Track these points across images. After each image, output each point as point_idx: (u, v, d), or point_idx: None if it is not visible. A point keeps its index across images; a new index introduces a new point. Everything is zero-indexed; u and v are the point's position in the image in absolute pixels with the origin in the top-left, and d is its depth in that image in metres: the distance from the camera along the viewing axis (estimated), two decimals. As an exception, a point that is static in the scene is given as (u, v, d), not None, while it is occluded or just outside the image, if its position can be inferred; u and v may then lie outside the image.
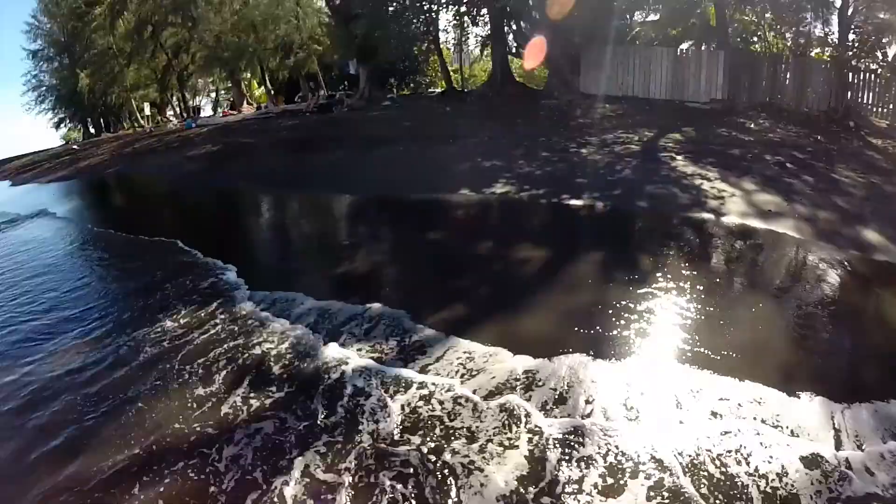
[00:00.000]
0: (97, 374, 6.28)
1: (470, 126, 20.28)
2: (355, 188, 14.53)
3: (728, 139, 15.43)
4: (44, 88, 65.43)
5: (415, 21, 30.38)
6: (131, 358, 6.53)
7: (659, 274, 7.29)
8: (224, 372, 5.85)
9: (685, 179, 11.66)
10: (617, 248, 8.62)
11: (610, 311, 6.34)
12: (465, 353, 5.73)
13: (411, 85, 43.88)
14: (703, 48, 26.03)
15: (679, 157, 13.43)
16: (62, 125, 74.45)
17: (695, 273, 7.30)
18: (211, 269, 9.40)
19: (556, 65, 26.19)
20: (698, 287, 6.84)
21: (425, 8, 30.08)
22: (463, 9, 30.24)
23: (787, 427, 4.35)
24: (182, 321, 7.29)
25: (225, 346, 6.42)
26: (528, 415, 4.68)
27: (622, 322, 6.11)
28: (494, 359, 5.57)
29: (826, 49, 22.47)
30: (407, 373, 5.48)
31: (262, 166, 19.40)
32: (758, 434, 4.28)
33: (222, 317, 7.27)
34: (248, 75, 53.35)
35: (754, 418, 4.45)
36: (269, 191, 16.37)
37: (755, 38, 27.44)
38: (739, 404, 4.63)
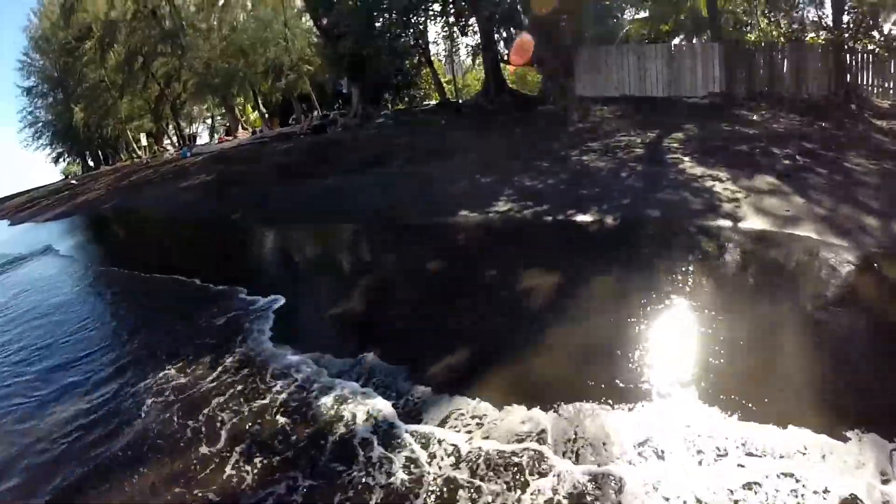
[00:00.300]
0: (91, 427, 6.11)
1: (466, 139, 19.91)
2: (347, 215, 14.05)
3: (732, 134, 14.96)
4: (40, 124, 67.14)
5: (403, 35, 30.17)
6: (130, 409, 6.30)
7: (680, 296, 6.73)
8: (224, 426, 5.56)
9: (695, 182, 11.09)
10: (631, 268, 7.88)
11: (629, 344, 5.81)
12: (472, 417, 5.11)
13: (406, 99, 43.66)
14: (695, 42, 25.72)
15: (686, 158, 12.91)
16: (61, 159, 75.73)
17: (718, 292, 6.78)
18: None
19: (549, 69, 25.80)
20: (725, 309, 6.28)
21: (413, 21, 29.87)
22: (451, 20, 29.95)
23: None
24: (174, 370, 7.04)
25: (222, 398, 6.10)
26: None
27: (643, 356, 5.59)
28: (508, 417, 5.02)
29: (821, 33, 22.21)
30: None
31: (254, 195, 19.08)
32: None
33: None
34: (241, 100, 53.30)
35: (797, 468, 3.99)
36: (259, 223, 15.94)
37: (749, 27, 27.21)
38: (780, 454, 4.14)
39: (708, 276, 7.32)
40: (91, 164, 72.71)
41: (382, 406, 5.47)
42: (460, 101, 32.71)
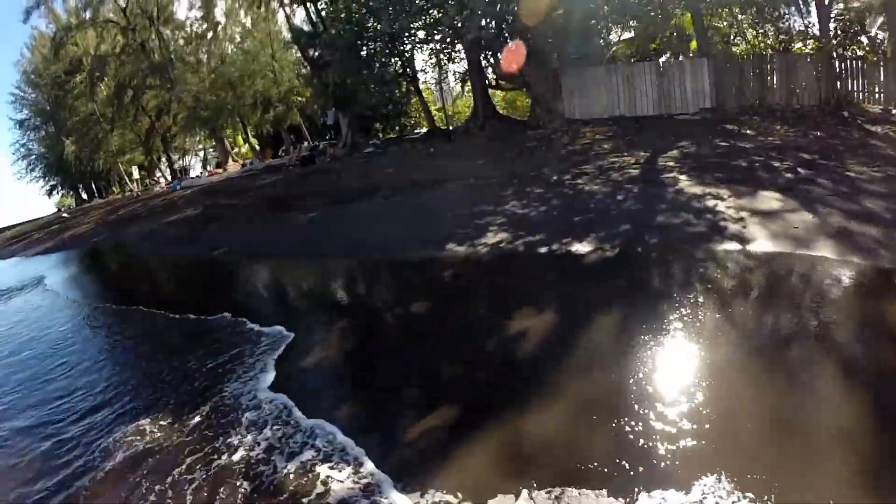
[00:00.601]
0: (42, 479, 5.70)
1: (455, 166, 19.49)
2: (328, 251, 13.36)
3: (729, 149, 14.61)
4: (33, 157, 68.15)
5: (389, 64, 30.03)
6: (92, 463, 5.79)
7: (692, 340, 5.84)
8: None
9: (696, 202, 10.47)
10: (635, 304, 6.94)
11: (634, 404, 4.85)
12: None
13: (396, 128, 43.60)
14: (681, 58, 25.52)
15: (683, 177, 12.39)
16: (54, 192, 76.11)
17: (738, 334, 5.84)
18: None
19: (537, 92, 25.62)
20: (748, 355, 5.36)
21: (398, 49, 29.77)
22: (437, 46, 29.81)
23: None
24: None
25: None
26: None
27: (652, 421, 4.60)
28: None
29: (808, 42, 22.15)
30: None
31: (238, 230, 18.63)
32: None
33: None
34: (231, 132, 53.24)
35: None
36: (239, 259, 15.22)
37: (737, 40, 27.15)
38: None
39: (722, 311, 6.43)
40: (84, 196, 73.08)
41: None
42: (450, 129, 32.52)
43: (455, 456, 4.67)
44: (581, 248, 9.35)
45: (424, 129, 34.92)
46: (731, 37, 27.25)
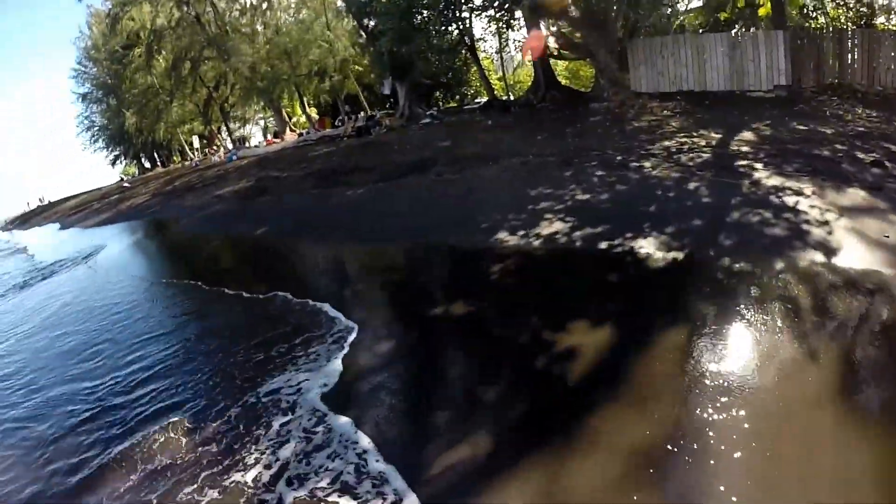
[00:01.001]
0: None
1: (513, 141, 18.54)
2: (370, 234, 12.54)
3: (807, 134, 13.32)
4: (96, 128, 69.95)
5: (446, 32, 29.26)
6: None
7: (766, 376, 4.89)
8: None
9: (774, 197, 9.30)
10: (703, 327, 5.90)
11: (701, 458, 4.07)
12: None
13: (456, 97, 42.88)
14: (753, 30, 23.93)
15: (759, 166, 11.16)
16: (118, 161, 78.55)
17: (819, 375, 4.84)
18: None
19: (601, 63, 24.34)
20: (833, 403, 4.48)
21: (454, 17, 28.93)
22: (495, 13, 28.85)
23: None
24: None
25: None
26: None
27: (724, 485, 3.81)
28: None
29: (892, 17, 20.48)
30: None
31: (283, 206, 18.33)
32: None
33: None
34: (288, 102, 53.40)
35: None
36: (280, 240, 14.67)
37: (815, 13, 25.39)
38: None
39: (801, 342, 5.37)
40: (147, 165, 75.41)
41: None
42: (510, 99, 31.57)
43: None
44: (646, 246, 8.30)
45: (484, 100, 33.96)
46: (809, 9, 25.52)
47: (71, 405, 7.15)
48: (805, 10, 25.66)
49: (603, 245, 8.77)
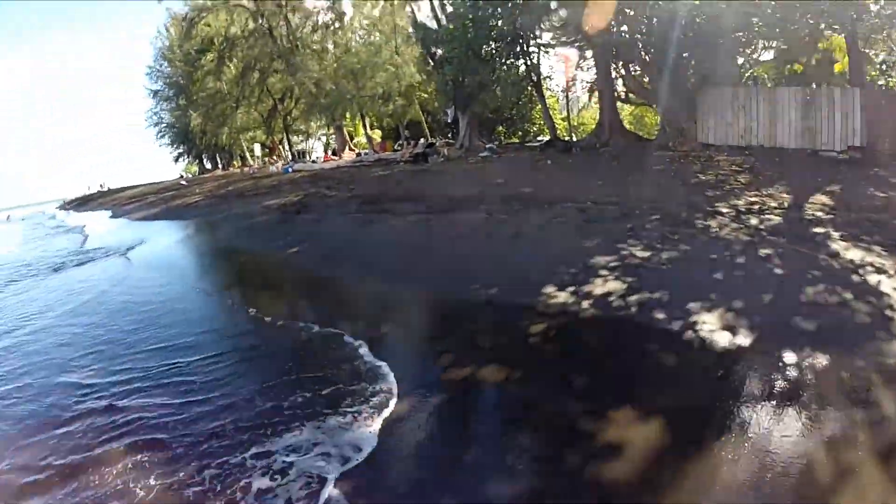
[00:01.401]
0: None
1: (572, 184, 17.46)
2: (403, 274, 11.43)
3: (887, 203, 11.95)
4: (163, 125, 73.08)
5: (513, 65, 28.75)
6: None
7: None
8: None
9: (854, 275, 8.10)
10: (772, 437, 4.86)
11: None
12: None
13: (519, 133, 42.38)
14: (826, 86, 22.54)
15: (836, 234, 9.94)
16: (181, 159, 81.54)
17: None
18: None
19: (668, 111, 23.39)
20: None
21: (522, 51, 28.42)
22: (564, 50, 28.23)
23: None
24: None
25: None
26: None
27: None
28: None
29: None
30: None
31: (324, 228, 17.66)
32: None
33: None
34: (350, 121, 53.87)
35: None
36: (308, 265, 14.02)
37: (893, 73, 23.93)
38: None
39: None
40: (208, 166, 77.65)
41: None
42: (573, 140, 30.73)
43: None
44: (710, 323, 7.15)
45: (546, 138, 33.18)
46: (888, 67, 24.10)
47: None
48: (884, 68, 24.25)
49: (661, 315, 7.66)
